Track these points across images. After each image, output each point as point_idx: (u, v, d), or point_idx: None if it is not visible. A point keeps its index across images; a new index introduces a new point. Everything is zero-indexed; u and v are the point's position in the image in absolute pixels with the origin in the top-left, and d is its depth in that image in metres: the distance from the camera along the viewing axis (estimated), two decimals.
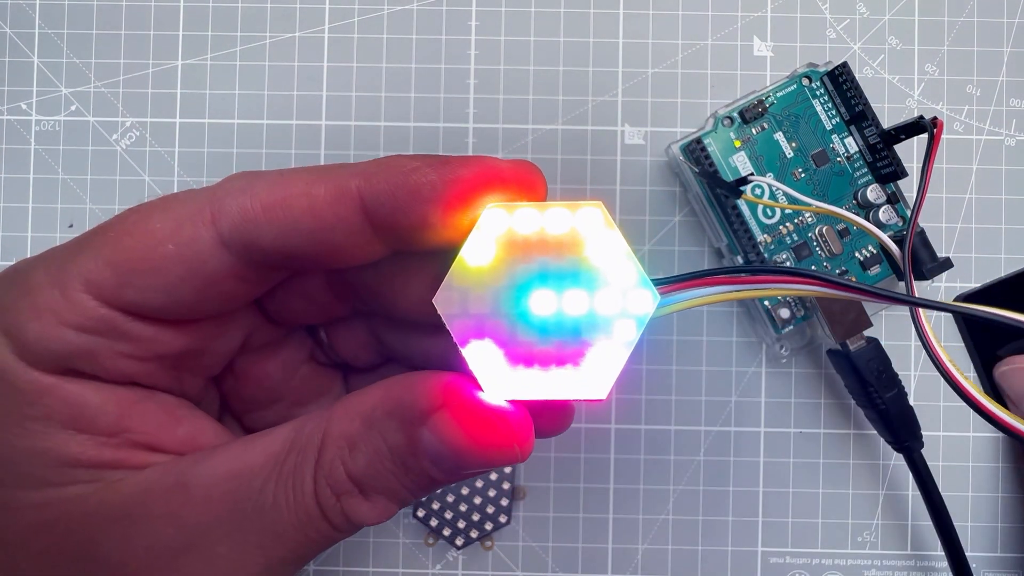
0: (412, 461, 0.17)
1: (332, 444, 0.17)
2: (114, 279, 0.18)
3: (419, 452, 0.17)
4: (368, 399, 0.18)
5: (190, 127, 0.34)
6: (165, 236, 0.18)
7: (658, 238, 0.33)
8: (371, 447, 0.17)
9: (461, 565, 0.32)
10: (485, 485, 0.31)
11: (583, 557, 0.33)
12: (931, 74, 0.34)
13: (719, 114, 0.31)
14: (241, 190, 0.18)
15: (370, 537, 0.33)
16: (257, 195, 0.18)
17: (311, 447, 0.18)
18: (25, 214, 0.34)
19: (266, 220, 0.18)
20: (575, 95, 0.34)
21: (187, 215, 0.18)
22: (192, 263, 0.18)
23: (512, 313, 0.17)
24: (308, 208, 0.18)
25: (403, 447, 0.17)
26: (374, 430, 0.17)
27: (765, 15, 0.34)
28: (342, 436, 0.17)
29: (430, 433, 0.17)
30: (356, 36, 0.34)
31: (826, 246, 0.31)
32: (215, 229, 0.18)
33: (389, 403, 0.17)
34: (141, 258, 0.18)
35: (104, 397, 0.19)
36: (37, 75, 0.34)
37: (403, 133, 0.34)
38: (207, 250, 0.18)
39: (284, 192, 0.18)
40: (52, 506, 0.18)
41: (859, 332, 0.30)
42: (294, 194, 0.18)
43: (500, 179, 0.18)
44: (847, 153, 0.32)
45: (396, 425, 0.17)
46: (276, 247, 0.18)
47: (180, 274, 0.18)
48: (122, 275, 0.18)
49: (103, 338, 0.18)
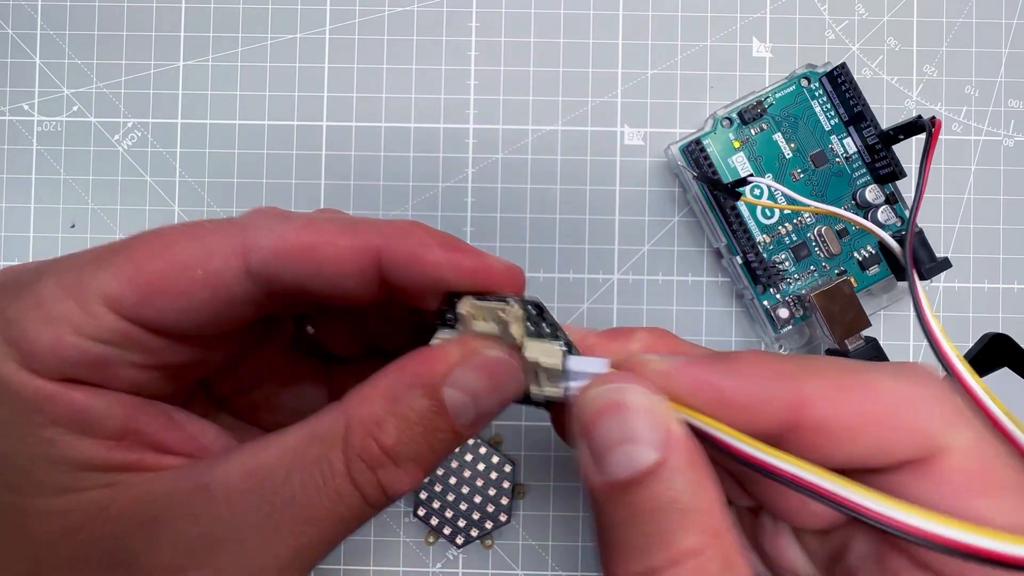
0: (440, 420, 0.19)
1: (359, 426, 0.19)
2: (136, 297, 0.19)
3: (444, 410, 0.19)
4: (383, 381, 0.19)
5: (191, 128, 0.34)
6: (195, 263, 0.19)
7: (657, 238, 0.33)
8: (399, 418, 0.19)
9: (461, 564, 0.33)
10: (485, 484, 0.31)
11: (583, 556, 0.33)
12: (929, 75, 0.34)
13: (718, 115, 0.31)
14: (271, 229, 0.20)
15: (371, 536, 0.33)
16: (287, 237, 0.19)
17: (333, 435, 0.19)
18: (27, 214, 0.34)
19: (292, 261, 0.19)
20: (575, 96, 0.34)
21: (218, 245, 0.19)
22: (218, 289, 0.19)
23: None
24: (333, 257, 0.20)
25: (430, 409, 0.19)
26: (399, 403, 0.19)
27: (764, 16, 0.34)
28: (368, 416, 0.19)
29: (451, 389, 0.19)
30: (357, 37, 0.34)
31: (825, 246, 0.31)
32: (244, 261, 0.19)
33: (408, 376, 0.19)
34: (169, 282, 0.19)
35: (108, 402, 0.19)
36: (39, 76, 0.34)
37: (403, 133, 0.34)
38: (234, 279, 0.19)
39: (313, 239, 0.20)
40: (74, 512, 0.19)
41: (858, 332, 0.30)
42: (322, 242, 0.20)
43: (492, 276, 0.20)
44: (846, 154, 0.32)
45: (420, 392, 0.19)
46: (297, 284, 0.20)
47: (204, 298, 0.19)
48: (145, 295, 0.19)
49: (117, 348, 0.19)
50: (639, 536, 0.16)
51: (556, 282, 0.33)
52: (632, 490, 0.17)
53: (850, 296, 0.30)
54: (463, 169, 0.34)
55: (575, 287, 0.33)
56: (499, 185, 0.34)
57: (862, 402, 0.18)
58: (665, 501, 0.16)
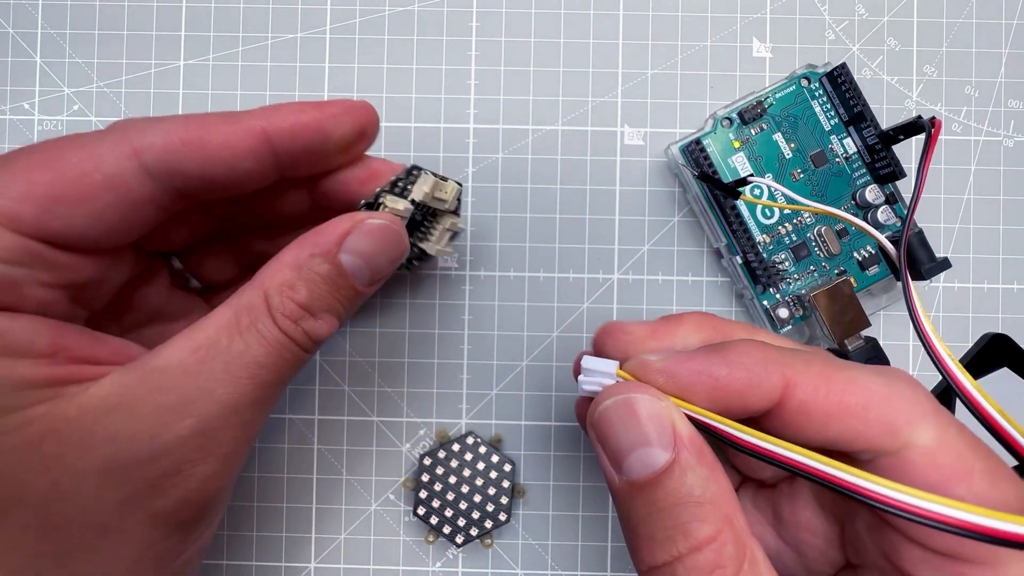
0: (341, 280, 0.23)
1: (276, 292, 0.22)
2: (34, 211, 0.20)
3: (343, 271, 0.23)
4: (288, 255, 0.23)
5: None
6: (90, 168, 0.20)
7: (657, 238, 0.33)
8: (307, 281, 0.22)
9: (461, 563, 0.33)
10: (485, 484, 0.32)
11: (582, 555, 0.33)
12: (930, 75, 0.34)
13: (718, 115, 0.31)
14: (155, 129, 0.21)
15: (371, 535, 0.33)
16: (174, 132, 0.21)
17: (257, 303, 0.22)
18: None
19: (186, 153, 0.21)
20: (575, 96, 0.34)
21: (107, 150, 0.21)
22: (119, 191, 0.21)
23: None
24: (224, 142, 0.22)
25: (331, 272, 0.23)
26: (304, 269, 0.22)
27: (764, 16, 0.34)
28: (282, 283, 0.22)
29: (346, 255, 0.23)
30: (357, 37, 0.34)
31: (825, 246, 0.31)
32: (138, 161, 0.21)
33: (308, 247, 0.23)
34: (69, 188, 0.20)
35: (33, 323, 0.21)
36: (40, 75, 0.34)
37: (404, 133, 0.34)
38: (133, 179, 0.21)
39: (200, 130, 0.22)
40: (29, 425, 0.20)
41: (857, 332, 0.30)
42: (210, 131, 0.22)
43: (351, 112, 0.24)
44: (845, 154, 0.32)
45: (320, 259, 0.22)
46: (197, 175, 0.22)
47: (108, 201, 0.21)
48: (43, 207, 0.20)
49: (23, 268, 0.20)
50: (660, 530, 0.19)
51: (556, 282, 0.33)
52: (650, 489, 0.19)
53: (850, 296, 0.30)
54: (463, 169, 0.34)
55: (575, 287, 0.33)
56: (499, 185, 0.34)
57: (841, 393, 0.19)
58: (681, 496, 0.19)
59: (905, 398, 0.19)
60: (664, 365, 0.20)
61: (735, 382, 0.20)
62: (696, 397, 0.20)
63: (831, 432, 0.20)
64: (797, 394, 0.20)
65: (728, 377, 0.20)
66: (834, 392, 0.19)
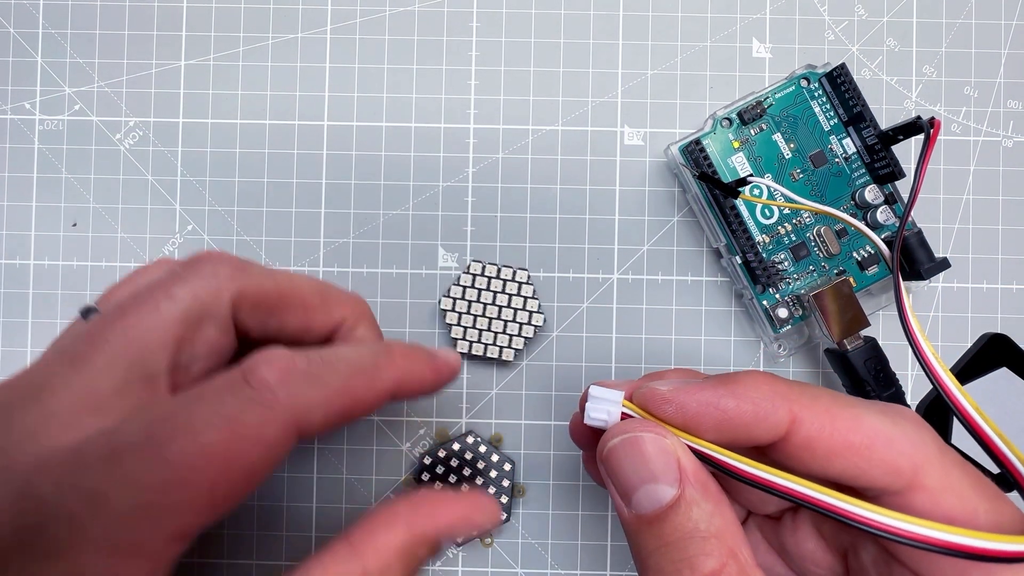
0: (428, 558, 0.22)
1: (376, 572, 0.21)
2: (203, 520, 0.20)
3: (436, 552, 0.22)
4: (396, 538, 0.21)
5: (193, 127, 0.34)
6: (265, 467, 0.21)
7: (657, 238, 0.33)
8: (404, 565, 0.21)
9: (461, 562, 0.33)
10: (485, 483, 0.32)
11: (582, 554, 0.33)
12: (929, 76, 0.34)
13: (718, 115, 0.32)
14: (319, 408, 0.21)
15: None
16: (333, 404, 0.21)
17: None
18: (28, 213, 0.34)
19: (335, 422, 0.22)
20: (575, 96, 0.34)
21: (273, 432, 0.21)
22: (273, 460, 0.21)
23: None
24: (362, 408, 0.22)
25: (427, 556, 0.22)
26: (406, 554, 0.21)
27: (764, 17, 0.34)
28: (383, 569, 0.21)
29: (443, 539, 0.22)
30: (358, 37, 0.34)
31: (824, 246, 0.31)
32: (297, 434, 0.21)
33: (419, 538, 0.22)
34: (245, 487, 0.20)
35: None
36: (41, 75, 0.34)
37: (404, 133, 0.34)
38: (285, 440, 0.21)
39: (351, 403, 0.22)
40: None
41: (857, 331, 0.30)
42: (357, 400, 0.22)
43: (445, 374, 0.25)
44: (845, 154, 0.32)
45: (425, 549, 0.22)
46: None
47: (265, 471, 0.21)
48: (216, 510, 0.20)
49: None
50: (668, 563, 0.19)
51: (556, 282, 0.33)
52: (658, 523, 0.20)
53: (849, 296, 0.30)
54: (463, 169, 0.34)
55: (575, 287, 0.33)
56: (499, 185, 0.34)
57: (846, 431, 0.20)
58: (687, 531, 0.19)
59: (910, 439, 0.20)
60: (673, 395, 0.21)
61: (743, 415, 0.20)
62: (703, 428, 0.20)
63: (834, 469, 0.20)
64: (803, 430, 0.20)
65: (736, 410, 0.20)
66: (839, 430, 0.20)
